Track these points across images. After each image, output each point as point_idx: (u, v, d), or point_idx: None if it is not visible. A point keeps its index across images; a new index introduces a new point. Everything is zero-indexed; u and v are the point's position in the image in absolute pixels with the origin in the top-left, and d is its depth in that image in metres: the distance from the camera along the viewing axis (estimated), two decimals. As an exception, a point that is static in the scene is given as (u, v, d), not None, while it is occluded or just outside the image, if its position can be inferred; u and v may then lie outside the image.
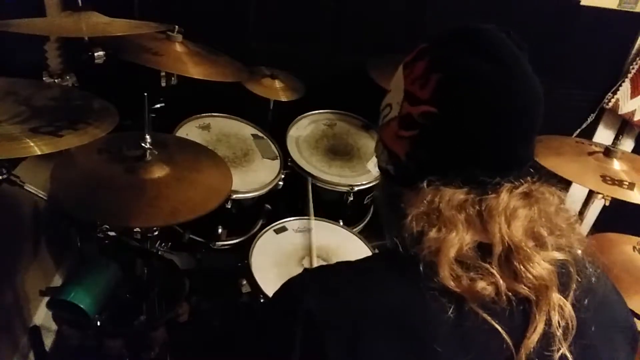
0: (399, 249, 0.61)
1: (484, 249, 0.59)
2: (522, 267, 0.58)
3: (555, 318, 0.57)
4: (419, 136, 0.63)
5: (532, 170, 0.64)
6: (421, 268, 0.58)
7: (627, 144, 2.19)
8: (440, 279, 0.56)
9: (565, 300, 0.58)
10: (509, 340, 0.56)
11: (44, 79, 1.38)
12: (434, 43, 0.66)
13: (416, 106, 0.63)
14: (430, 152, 0.63)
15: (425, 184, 0.62)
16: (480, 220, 0.60)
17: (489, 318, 0.56)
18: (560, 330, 0.57)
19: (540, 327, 0.57)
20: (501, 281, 0.57)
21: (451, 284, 0.56)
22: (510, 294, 0.57)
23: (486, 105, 0.60)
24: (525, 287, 0.58)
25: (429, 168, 0.63)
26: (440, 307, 0.56)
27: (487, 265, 0.58)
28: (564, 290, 0.59)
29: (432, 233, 0.59)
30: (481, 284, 0.57)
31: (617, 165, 1.49)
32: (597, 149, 1.55)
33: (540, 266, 0.58)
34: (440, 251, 0.58)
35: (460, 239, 0.58)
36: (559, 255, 0.60)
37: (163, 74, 1.53)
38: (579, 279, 0.61)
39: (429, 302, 0.57)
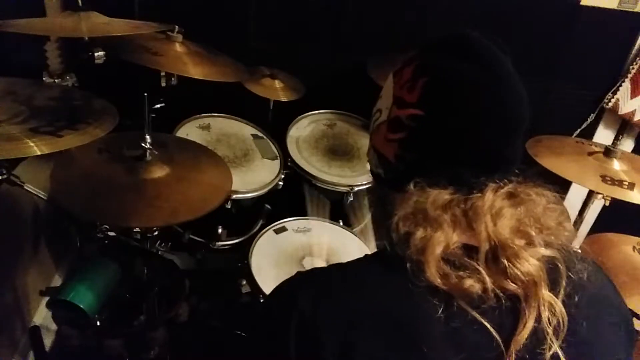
0: (388, 250, 0.63)
1: (470, 249, 0.60)
2: (509, 263, 0.58)
3: (545, 314, 0.57)
4: (407, 138, 0.65)
5: (518, 171, 0.66)
6: (409, 268, 0.58)
7: (627, 144, 2.19)
8: (427, 277, 0.57)
9: (555, 297, 0.59)
10: (498, 337, 0.56)
11: (44, 79, 1.38)
12: (421, 50, 0.68)
13: (404, 109, 0.65)
14: (417, 153, 0.65)
15: (412, 185, 0.63)
16: (466, 219, 0.61)
17: (477, 316, 0.57)
18: (551, 328, 0.57)
19: (529, 324, 0.57)
20: (488, 278, 0.58)
21: (438, 281, 0.57)
22: (498, 291, 0.58)
23: (470, 107, 0.62)
24: (514, 284, 0.58)
25: (417, 169, 0.65)
26: (430, 307, 0.57)
27: (474, 263, 0.58)
28: (554, 287, 0.60)
29: (419, 233, 0.60)
30: (468, 282, 0.57)
31: (617, 165, 1.49)
32: (597, 149, 1.55)
33: (528, 262, 0.58)
34: (427, 250, 0.58)
35: (446, 238, 0.59)
36: (547, 252, 0.61)
37: (163, 74, 1.53)
38: (570, 275, 0.61)
39: (419, 302, 0.57)
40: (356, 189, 1.71)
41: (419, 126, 0.64)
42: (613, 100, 2.06)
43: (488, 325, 0.56)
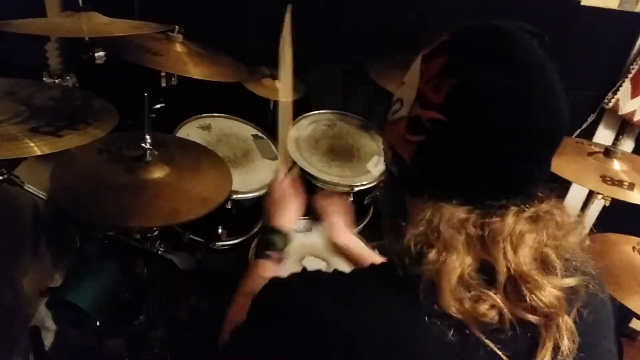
0: (398, 269, 0.58)
1: (487, 271, 0.57)
2: (532, 295, 0.55)
3: (565, 344, 0.56)
4: (425, 142, 0.59)
5: (540, 191, 0.61)
6: (420, 291, 0.55)
7: (627, 144, 2.19)
8: (441, 304, 0.54)
9: (569, 320, 0.57)
10: None
11: (44, 79, 1.38)
12: (456, 39, 0.60)
13: (426, 110, 0.58)
14: (435, 161, 0.59)
15: (426, 197, 0.59)
16: (482, 243, 0.57)
17: (490, 344, 0.54)
18: (568, 353, 0.56)
19: (548, 354, 0.55)
20: (505, 309, 0.55)
21: (453, 309, 0.54)
22: (515, 319, 0.55)
23: (499, 123, 0.56)
24: (534, 315, 0.56)
25: (433, 176, 0.60)
26: (440, 332, 0.54)
27: (491, 293, 0.55)
28: (570, 310, 0.58)
29: (432, 255, 0.56)
30: (484, 308, 0.55)
31: (617, 165, 1.49)
32: (597, 149, 1.55)
33: (551, 294, 0.56)
34: (441, 274, 0.55)
35: (461, 263, 0.55)
36: (569, 282, 0.58)
37: (163, 74, 1.53)
38: (585, 299, 0.60)
39: (428, 326, 0.54)
40: (356, 189, 1.71)
41: (440, 131, 0.57)
42: (613, 100, 2.06)
43: (501, 354, 0.54)
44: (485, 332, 0.54)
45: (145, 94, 1.22)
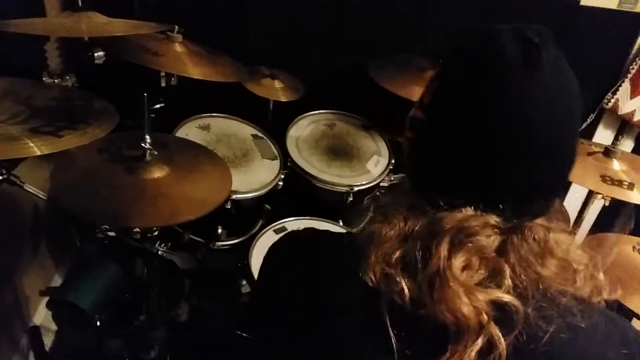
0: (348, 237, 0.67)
1: (422, 260, 0.55)
2: (447, 297, 0.52)
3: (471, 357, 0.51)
4: (414, 140, 0.63)
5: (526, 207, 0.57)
6: (349, 254, 0.59)
7: (627, 144, 2.19)
8: (363, 273, 0.56)
9: (501, 341, 0.51)
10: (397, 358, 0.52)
11: (43, 79, 1.38)
12: (451, 45, 0.61)
13: (418, 109, 0.62)
14: (420, 158, 0.63)
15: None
16: (425, 235, 0.56)
17: (388, 323, 0.53)
18: None
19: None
20: (424, 301, 0.53)
21: (371, 279, 0.55)
22: (431, 315, 0.52)
23: (465, 125, 0.56)
24: (448, 319, 0.52)
25: (419, 173, 0.64)
26: (355, 298, 0.58)
27: (404, 280, 0.54)
28: (503, 331, 0.52)
29: (372, 223, 0.61)
30: (398, 289, 0.54)
31: (616, 165, 1.49)
32: (596, 149, 1.55)
33: (467, 306, 0.51)
34: (371, 244, 0.58)
35: (394, 242, 0.57)
36: (503, 296, 0.52)
37: (163, 74, 1.53)
38: (529, 326, 0.53)
39: (348, 290, 0.58)
40: (356, 189, 1.71)
41: (422, 130, 0.61)
42: (613, 100, 2.06)
43: (392, 336, 0.53)
44: (392, 313, 0.53)
45: (145, 94, 1.22)
